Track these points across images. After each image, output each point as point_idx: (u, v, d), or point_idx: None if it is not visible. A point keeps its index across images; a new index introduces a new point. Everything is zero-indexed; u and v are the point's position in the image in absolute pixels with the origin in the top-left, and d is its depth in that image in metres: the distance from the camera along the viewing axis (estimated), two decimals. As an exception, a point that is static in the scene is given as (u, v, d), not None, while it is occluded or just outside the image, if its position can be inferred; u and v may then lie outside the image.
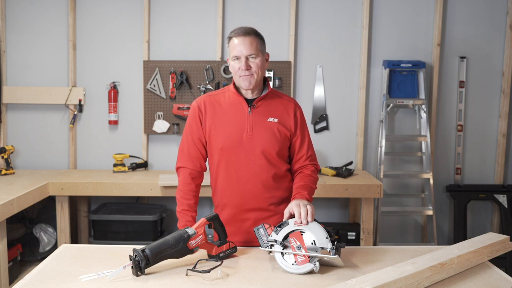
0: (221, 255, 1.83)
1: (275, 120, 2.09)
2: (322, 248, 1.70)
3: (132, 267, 1.65)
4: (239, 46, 2.01)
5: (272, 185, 2.10)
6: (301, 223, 1.78)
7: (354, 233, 3.84)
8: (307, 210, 1.81)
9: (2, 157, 3.77)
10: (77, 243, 4.00)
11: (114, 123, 4.05)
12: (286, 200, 2.14)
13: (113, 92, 4.00)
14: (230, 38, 2.06)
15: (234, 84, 2.13)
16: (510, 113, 4.10)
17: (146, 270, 1.68)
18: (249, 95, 2.11)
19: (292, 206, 1.86)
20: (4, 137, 4.04)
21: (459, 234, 4.01)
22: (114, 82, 4.02)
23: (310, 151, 2.18)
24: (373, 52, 4.05)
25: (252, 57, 2.03)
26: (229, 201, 2.12)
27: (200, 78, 3.98)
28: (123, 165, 3.91)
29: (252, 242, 2.05)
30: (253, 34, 2.04)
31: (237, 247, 1.91)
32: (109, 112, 4.02)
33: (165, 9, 4.00)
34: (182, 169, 2.16)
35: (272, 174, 2.09)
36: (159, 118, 4.01)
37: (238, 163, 2.07)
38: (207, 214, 1.94)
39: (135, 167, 3.93)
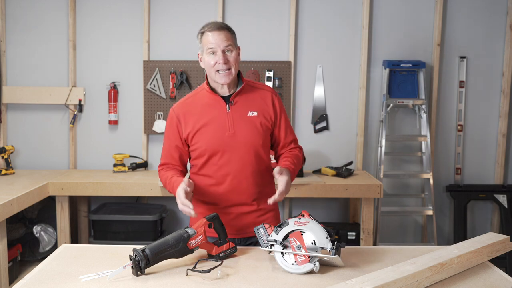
0: (221, 255, 1.83)
1: (255, 113, 2.07)
2: (322, 248, 1.69)
3: (132, 267, 1.66)
4: (215, 39, 1.97)
5: (257, 181, 2.10)
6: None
7: (354, 233, 3.84)
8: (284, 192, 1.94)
9: (2, 157, 3.77)
10: (77, 243, 4.00)
11: (114, 123, 4.05)
12: (269, 195, 2.06)
13: (113, 92, 4.00)
14: (202, 33, 2.02)
15: (207, 83, 2.09)
16: (510, 113, 4.10)
17: (146, 270, 1.68)
18: (225, 92, 2.08)
19: (279, 178, 1.95)
20: (4, 137, 4.04)
21: (459, 234, 4.01)
22: (114, 82, 4.02)
23: (292, 135, 2.20)
24: (373, 52, 4.05)
25: (228, 51, 1.99)
26: (211, 199, 2.11)
27: (200, 78, 3.98)
28: (123, 165, 3.91)
29: (233, 234, 2.07)
30: (226, 29, 2.01)
31: (237, 247, 1.91)
32: (109, 112, 4.02)
33: (165, 9, 4.01)
34: (160, 167, 2.16)
35: (257, 170, 2.09)
36: (159, 118, 4.01)
37: (222, 162, 2.06)
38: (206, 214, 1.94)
39: (135, 167, 3.93)
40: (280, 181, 1.95)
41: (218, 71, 2.00)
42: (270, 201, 1.94)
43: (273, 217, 2.17)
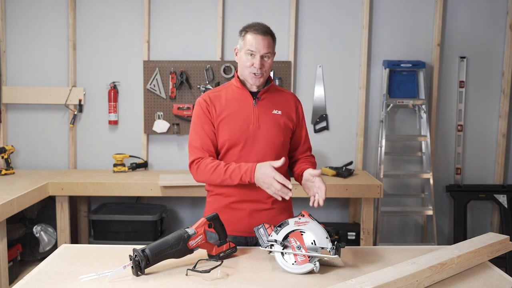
0: (221, 255, 1.83)
1: (279, 112, 2.14)
2: (322, 248, 1.70)
3: (132, 267, 1.66)
4: (257, 44, 2.03)
5: None
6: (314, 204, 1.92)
7: (354, 233, 3.84)
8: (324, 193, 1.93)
9: (2, 157, 3.77)
10: (77, 243, 4.00)
11: (114, 123, 4.05)
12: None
13: (113, 92, 4.00)
14: (247, 31, 2.07)
15: (237, 77, 2.15)
16: (510, 113, 4.10)
17: (146, 270, 1.68)
18: (254, 88, 2.14)
19: (318, 180, 1.94)
20: (4, 137, 4.04)
21: (459, 234, 4.01)
22: (114, 82, 4.02)
23: (309, 143, 2.29)
24: (373, 52, 4.05)
25: (266, 57, 2.06)
26: (227, 190, 2.10)
27: (200, 78, 3.98)
28: (123, 165, 3.91)
29: (244, 232, 2.08)
30: (270, 34, 2.08)
31: (237, 247, 1.91)
32: (109, 112, 4.02)
33: (165, 9, 4.01)
34: (198, 160, 2.07)
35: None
36: (159, 118, 4.01)
37: (243, 154, 2.07)
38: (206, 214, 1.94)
39: (135, 167, 3.93)
40: (318, 180, 1.96)
41: (251, 72, 2.07)
42: (319, 203, 1.92)
43: (287, 218, 2.15)
